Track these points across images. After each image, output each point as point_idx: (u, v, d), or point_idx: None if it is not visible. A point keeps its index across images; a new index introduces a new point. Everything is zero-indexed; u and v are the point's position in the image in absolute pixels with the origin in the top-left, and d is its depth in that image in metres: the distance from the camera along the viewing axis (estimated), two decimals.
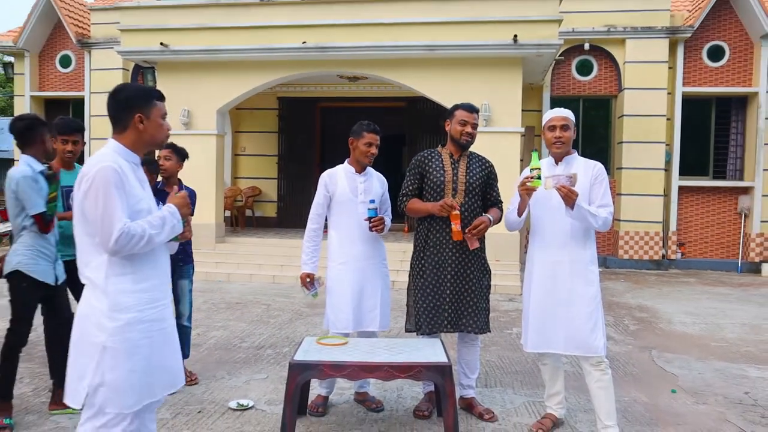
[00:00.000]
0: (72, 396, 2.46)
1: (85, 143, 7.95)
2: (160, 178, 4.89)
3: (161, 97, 2.66)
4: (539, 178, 3.58)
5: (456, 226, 3.89)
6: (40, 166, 3.98)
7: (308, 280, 4.37)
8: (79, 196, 2.44)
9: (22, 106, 14.35)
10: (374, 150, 4.27)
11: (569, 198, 3.51)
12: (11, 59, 15.65)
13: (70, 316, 4.07)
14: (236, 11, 10.81)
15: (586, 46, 12.26)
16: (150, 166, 4.65)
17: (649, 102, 11.87)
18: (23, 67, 14.36)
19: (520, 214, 3.87)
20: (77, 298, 3.32)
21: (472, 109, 4.14)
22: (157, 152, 5.03)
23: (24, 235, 3.92)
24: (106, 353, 2.40)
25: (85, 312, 2.47)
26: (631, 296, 9.16)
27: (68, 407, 4.01)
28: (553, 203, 3.66)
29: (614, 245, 12.34)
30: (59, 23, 14.00)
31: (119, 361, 2.42)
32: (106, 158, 2.45)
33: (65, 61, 14.31)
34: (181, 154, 4.90)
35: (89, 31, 13.90)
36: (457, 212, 3.89)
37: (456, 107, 4.17)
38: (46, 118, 14.51)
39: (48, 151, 4.11)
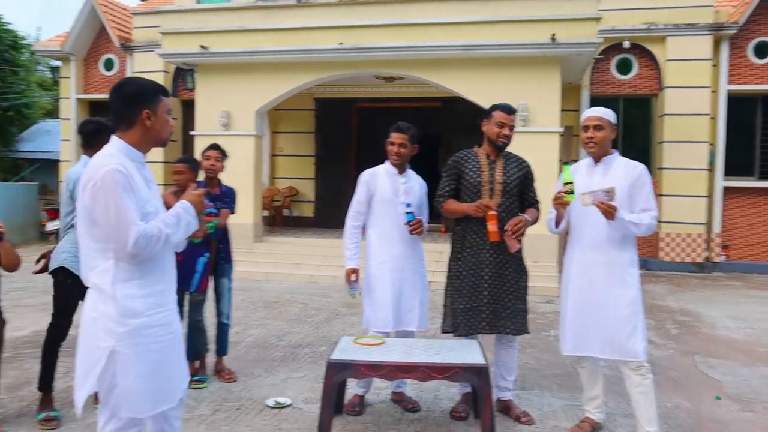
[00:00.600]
0: (79, 397, 2.43)
1: None
2: (201, 177, 4.95)
3: (167, 93, 2.57)
4: (572, 192, 3.54)
5: (492, 227, 3.86)
6: None
7: (353, 276, 4.36)
8: (86, 201, 2.37)
9: (68, 109, 14.74)
10: (397, 149, 4.27)
11: (609, 214, 3.46)
12: (58, 63, 16.06)
13: None
14: (274, 13, 10.92)
15: (626, 45, 12.02)
16: (191, 164, 4.71)
17: (692, 101, 11.58)
18: (69, 71, 14.74)
19: (558, 224, 3.85)
20: None
21: (510, 110, 4.10)
22: (199, 151, 5.11)
23: (71, 233, 4.02)
24: (117, 358, 2.35)
25: (92, 316, 2.40)
26: (672, 299, 8.97)
27: None
28: (589, 207, 3.60)
29: (655, 247, 12.08)
30: (103, 28, 14.34)
31: (130, 366, 2.37)
32: (110, 160, 2.37)
33: (109, 64, 14.65)
34: (225, 155, 4.99)
35: (131, 34, 14.20)
36: (494, 213, 3.86)
37: (494, 108, 4.13)
38: None
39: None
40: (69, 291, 4.05)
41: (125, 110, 2.47)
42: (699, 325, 7.26)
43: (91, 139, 4.07)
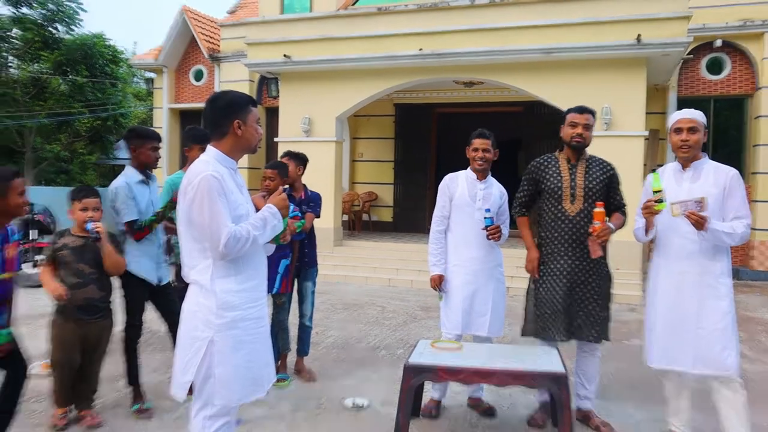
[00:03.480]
0: (176, 388, 2.61)
1: None
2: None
3: (255, 103, 2.74)
4: (662, 201, 3.42)
5: (595, 223, 3.78)
6: (137, 177, 4.27)
7: (438, 281, 4.36)
8: (185, 205, 2.54)
9: (161, 118, 15.46)
10: (481, 154, 4.26)
11: (700, 225, 3.33)
12: (152, 75, 16.88)
13: (177, 312, 4.36)
14: (354, 21, 11.09)
15: (718, 43, 11.50)
16: (281, 170, 4.85)
17: None
18: (162, 82, 15.48)
19: (647, 232, 3.73)
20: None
21: (581, 110, 4.03)
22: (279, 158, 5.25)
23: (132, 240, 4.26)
24: (214, 348, 2.52)
25: (193, 309, 2.57)
26: (767, 311, 8.50)
27: None
28: (679, 217, 3.47)
29: (747, 255, 11.48)
30: (193, 40, 14.98)
31: (226, 356, 2.53)
32: (207, 167, 2.52)
33: (198, 75, 15.27)
34: (301, 159, 5.09)
35: (219, 46, 14.75)
36: (598, 225, 3.75)
37: (567, 111, 4.09)
38: (181, 128, 15.55)
39: (143, 162, 4.31)
40: (134, 291, 4.27)
41: (218, 121, 2.64)
42: None
43: (128, 147, 4.30)
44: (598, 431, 3.99)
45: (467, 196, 4.30)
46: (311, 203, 5.08)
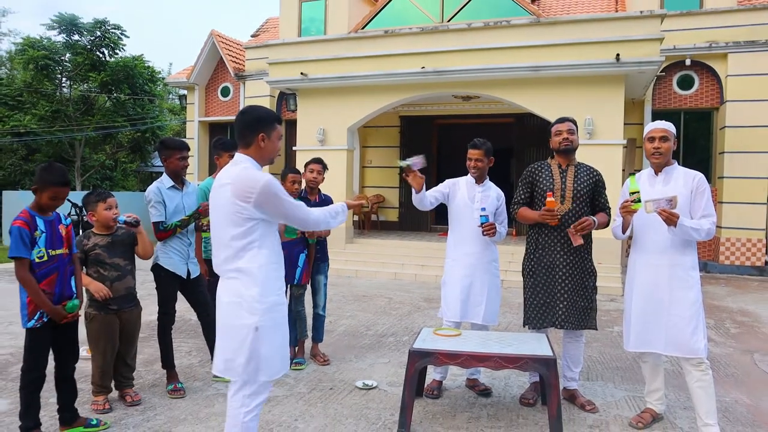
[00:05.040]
0: (229, 370, 2.58)
1: None
2: (303, 186, 5.05)
3: (280, 121, 2.77)
4: (638, 201, 3.42)
5: (549, 198, 3.79)
6: (169, 183, 4.26)
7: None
8: (248, 205, 2.51)
9: (192, 130, 15.50)
10: (474, 163, 4.24)
11: (670, 221, 3.31)
12: (185, 92, 16.93)
13: (206, 302, 4.36)
14: (364, 43, 11.07)
15: (687, 62, 11.44)
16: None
17: (754, 113, 10.87)
18: (193, 98, 15.52)
19: (624, 230, 3.71)
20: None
21: (562, 120, 4.06)
22: (300, 164, 5.22)
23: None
24: (259, 332, 2.52)
25: (234, 300, 2.54)
26: (732, 300, 8.41)
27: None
28: (652, 213, 3.44)
29: (715, 251, 11.39)
30: (221, 61, 15.02)
31: (270, 337, 2.55)
32: (258, 172, 2.57)
33: (225, 92, 15.30)
34: (325, 168, 5.09)
35: (244, 65, 14.77)
36: (551, 199, 3.79)
37: (551, 125, 4.12)
38: (210, 138, 15.57)
39: (172, 170, 4.29)
40: (166, 283, 4.26)
41: (245, 132, 2.65)
42: (758, 326, 6.77)
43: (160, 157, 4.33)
44: (584, 409, 3.95)
45: (467, 197, 4.28)
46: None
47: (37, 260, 3.23)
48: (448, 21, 11.43)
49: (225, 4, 76.18)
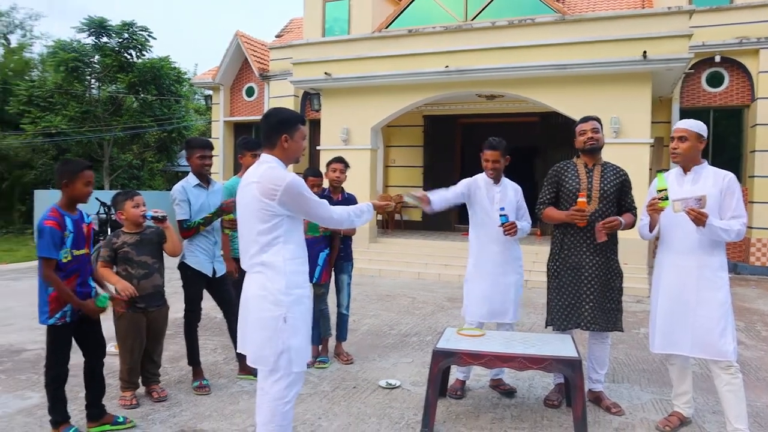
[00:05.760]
0: (262, 361, 2.64)
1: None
2: (326, 185, 5.07)
3: (304, 122, 2.82)
4: (666, 199, 3.36)
5: (581, 198, 3.75)
6: (194, 182, 4.31)
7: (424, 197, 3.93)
8: (273, 203, 2.59)
9: (217, 130, 15.67)
10: (491, 165, 4.18)
11: (699, 221, 3.24)
12: (210, 92, 17.14)
13: (231, 300, 4.40)
14: (387, 42, 11.07)
15: (717, 59, 11.20)
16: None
17: None
18: (219, 98, 15.68)
19: (651, 229, 3.65)
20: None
21: (586, 119, 4.00)
22: (324, 163, 5.24)
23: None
24: (287, 323, 2.59)
25: (260, 293, 2.63)
26: (763, 303, 8.22)
27: (251, 374, 4.32)
28: (680, 213, 3.38)
29: (745, 252, 11.13)
30: (246, 61, 15.14)
31: (298, 328, 2.64)
32: (283, 171, 2.65)
33: (249, 92, 15.43)
34: (347, 167, 5.10)
35: (268, 66, 14.87)
36: (583, 200, 3.74)
37: (575, 125, 4.06)
38: (235, 138, 15.75)
39: (195, 168, 4.35)
40: (192, 281, 4.31)
41: (269, 134, 2.74)
42: None
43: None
44: (609, 411, 3.90)
45: (486, 199, 4.25)
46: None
47: (63, 261, 3.30)
48: (472, 20, 11.37)
49: (250, 6, 76.88)
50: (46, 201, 14.66)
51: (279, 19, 68.04)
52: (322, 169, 5.64)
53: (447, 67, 10.28)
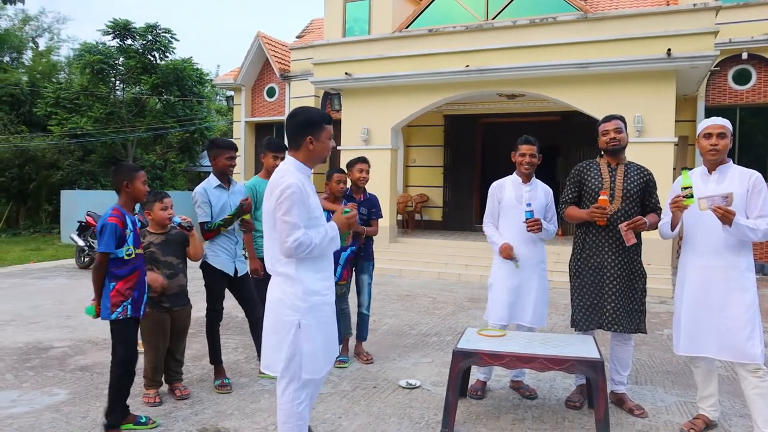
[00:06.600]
0: (270, 366, 2.69)
1: None
2: (348, 185, 5.08)
3: (330, 121, 2.78)
4: (691, 196, 3.30)
5: (603, 196, 3.72)
6: (215, 183, 4.35)
7: (509, 249, 4.16)
8: (271, 206, 2.62)
9: (239, 130, 15.80)
10: (528, 159, 4.19)
11: (726, 219, 3.18)
12: (232, 93, 17.30)
13: (253, 299, 4.44)
14: (407, 42, 11.07)
15: (744, 56, 10.97)
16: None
17: None
18: (240, 99, 15.82)
19: (673, 228, 3.59)
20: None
21: (609, 118, 3.96)
22: (344, 163, 5.24)
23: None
24: (301, 329, 2.60)
25: (279, 297, 2.65)
26: None
27: None
28: (706, 211, 3.32)
29: None
30: (267, 62, 15.24)
31: (312, 335, 2.62)
32: (288, 176, 2.60)
33: (271, 92, 15.54)
34: (369, 164, 5.11)
35: (289, 66, 14.96)
36: (605, 198, 3.71)
37: (598, 124, 4.01)
38: (256, 138, 15.86)
39: (219, 169, 4.38)
40: (214, 281, 4.35)
41: (294, 135, 2.72)
42: None
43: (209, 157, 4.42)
44: (632, 413, 3.86)
45: (514, 198, 4.23)
46: (373, 208, 5.10)
47: (126, 257, 3.43)
48: (493, 19, 11.31)
49: (271, 7, 77.39)
50: (72, 201, 14.92)
51: (300, 20, 68.43)
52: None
53: (467, 66, 10.26)
